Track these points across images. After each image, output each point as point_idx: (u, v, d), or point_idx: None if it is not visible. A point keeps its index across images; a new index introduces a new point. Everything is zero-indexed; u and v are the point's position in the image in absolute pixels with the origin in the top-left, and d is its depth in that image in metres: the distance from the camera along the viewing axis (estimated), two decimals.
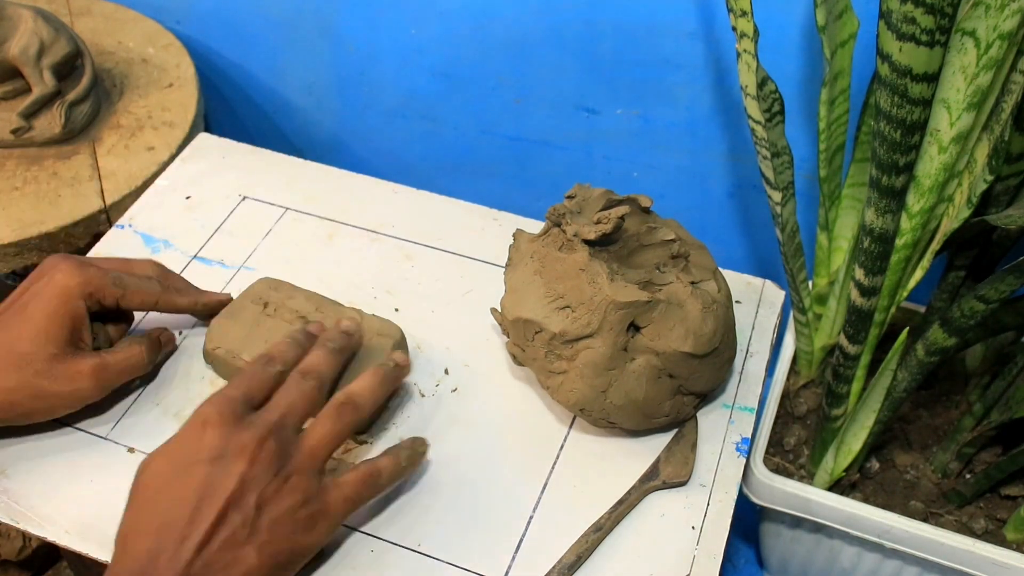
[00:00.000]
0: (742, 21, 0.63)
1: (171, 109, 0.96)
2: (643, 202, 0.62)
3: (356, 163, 1.14)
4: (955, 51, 0.59)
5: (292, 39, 1.04)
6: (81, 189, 0.87)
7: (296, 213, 0.79)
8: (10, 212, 0.84)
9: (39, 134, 0.89)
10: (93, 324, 0.61)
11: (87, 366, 0.58)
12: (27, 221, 0.83)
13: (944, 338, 0.68)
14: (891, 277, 0.71)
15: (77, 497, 0.59)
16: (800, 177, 0.93)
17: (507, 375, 0.68)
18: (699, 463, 0.63)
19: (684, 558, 0.58)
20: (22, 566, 1.01)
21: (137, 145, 0.92)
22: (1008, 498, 0.82)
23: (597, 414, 0.60)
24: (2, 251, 0.82)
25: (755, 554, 1.02)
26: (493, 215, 0.79)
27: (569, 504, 0.60)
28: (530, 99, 0.99)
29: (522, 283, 0.61)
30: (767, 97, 0.67)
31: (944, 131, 0.63)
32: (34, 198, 0.85)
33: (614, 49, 0.91)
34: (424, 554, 0.57)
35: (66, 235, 0.84)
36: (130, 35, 1.05)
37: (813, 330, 0.86)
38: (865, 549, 0.81)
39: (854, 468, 0.81)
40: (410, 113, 1.06)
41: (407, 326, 0.70)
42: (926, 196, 0.66)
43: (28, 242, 0.83)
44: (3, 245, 0.82)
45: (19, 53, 0.87)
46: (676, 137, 0.96)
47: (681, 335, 0.58)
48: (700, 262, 0.63)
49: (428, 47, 0.99)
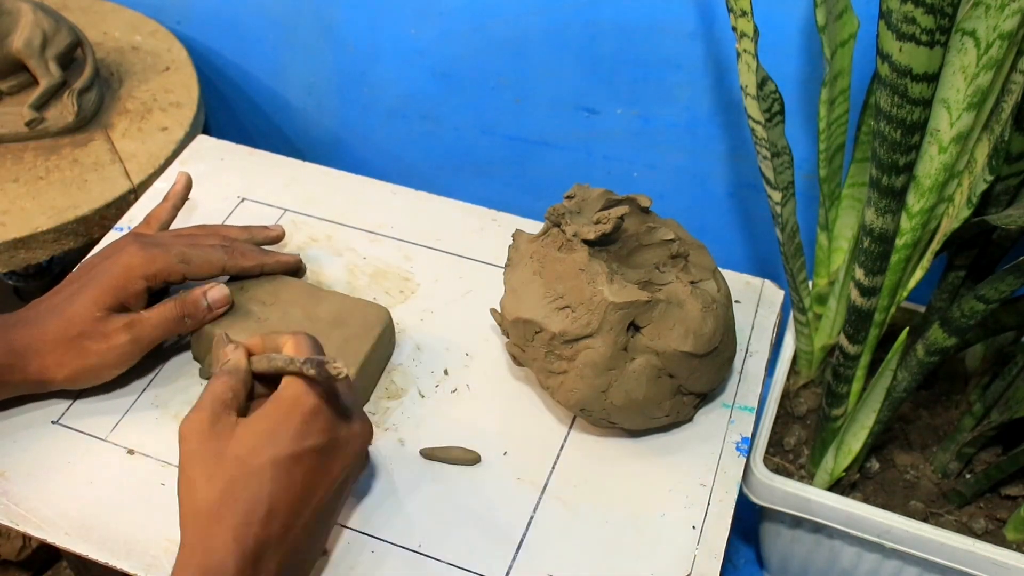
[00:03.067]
0: (742, 21, 0.63)
1: (174, 91, 0.98)
2: (642, 202, 0.62)
3: (356, 163, 1.14)
4: (955, 51, 0.59)
5: (292, 39, 1.04)
6: (105, 173, 0.88)
7: (295, 215, 0.79)
8: (42, 201, 0.85)
9: (52, 124, 0.90)
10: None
11: (122, 321, 0.60)
12: (61, 207, 0.84)
13: (944, 338, 0.68)
14: (891, 277, 0.71)
15: (77, 498, 0.59)
16: (800, 177, 0.93)
17: (507, 375, 0.68)
18: (699, 463, 0.63)
19: (684, 558, 0.58)
20: (22, 566, 1.01)
21: (150, 127, 0.94)
22: (1008, 498, 0.82)
23: (597, 414, 0.60)
24: (41, 238, 0.83)
25: (755, 554, 1.02)
26: (492, 215, 0.79)
27: (569, 504, 0.60)
28: (530, 99, 0.99)
29: (522, 283, 0.61)
30: (767, 97, 0.67)
31: (944, 131, 0.63)
32: (61, 185, 0.86)
33: (614, 49, 0.91)
34: (424, 554, 0.57)
35: (100, 217, 0.85)
36: (113, 25, 1.06)
37: (813, 330, 0.86)
38: (865, 549, 0.81)
39: (854, 468, 0.81)
40: (410, 113, 1.06)
41: (407, 327, 0.70)
42: (926, 196, 0.66)
43: (65, 227, 0.84)
44: (42, 232, 0.83)
45: (23, 46, 0.88)
46: (676, 137, 0.96)
47: (681, 335, 0.58)
48: (700, 262, 0.63)
49: (428, 47, 0.99)
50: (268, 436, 0.48)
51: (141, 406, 0.64)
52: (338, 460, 0.50)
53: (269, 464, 0.48)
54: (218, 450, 0.48)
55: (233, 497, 0.47)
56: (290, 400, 0.49)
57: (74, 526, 0.58)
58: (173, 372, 0.66)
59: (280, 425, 0.49)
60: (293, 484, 0.48)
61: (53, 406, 0.64)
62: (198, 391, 0.65)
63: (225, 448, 0.48)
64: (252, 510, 0.47)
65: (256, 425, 0.49)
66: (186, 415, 0.50)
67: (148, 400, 0.65)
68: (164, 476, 0.60)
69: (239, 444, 0.48)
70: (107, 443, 0.62)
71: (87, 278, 0.61)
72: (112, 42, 1.03)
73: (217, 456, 0.48)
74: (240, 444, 0.48)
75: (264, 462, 0.48)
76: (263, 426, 0.49)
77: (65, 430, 0.63)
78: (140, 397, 0.65)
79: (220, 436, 0.49)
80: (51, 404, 0.64)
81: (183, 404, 0.64)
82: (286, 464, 0.48)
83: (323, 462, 0.50)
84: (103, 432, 0.63)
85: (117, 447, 0.62)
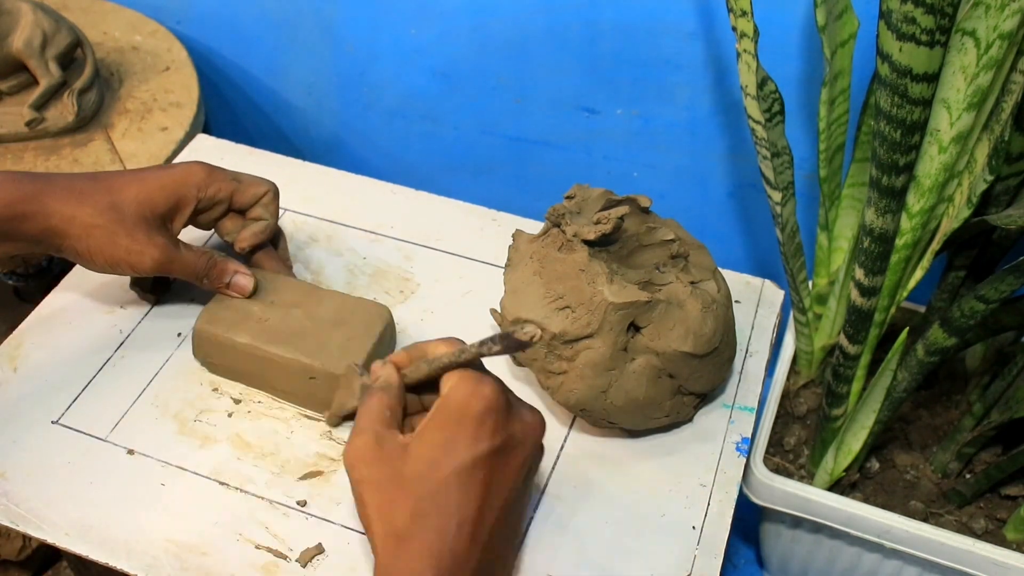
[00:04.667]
0: (742, 21, 0.63)
1: (174, 91, 0.98)
2: (642, 202, 0.62)
3: (356, 163, 1.14)
4: (955, 51, 0.59)
5: (292, 39, 1.04)
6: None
7: (295, 214, 0.79)
8: None
9: (52, 124, 0.91)
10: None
11: (161, 241, 0.62)
12: None
13: (944, 338, 0.68)
14: (891, 277, 0.71)
15: (77, 499, 0.59)
16: (800, 177, 0.93)
17: (507, 375, 0.68)
18: (699, 463, 0.63)
19: (684, 558, 0.58)
20: (22, 566, 1.01)
21: (150, 127, 0.94)
22: (1008, 498, 0.82)
23: (597, 414, 0.60)
24: None
25: (755, 554, 1.02)
26: (492, 215, 0.79)
27: (569, 504, 0.60)
28: (530, 99, 0.99)
29: (522, 284, 0.61)
30: (767, 97, 0.67)
31: (944, 131, 0.63)
32: None
33: (614, 49, 0.91)
34: None
35: None
36: (113, 25, 1.06)
37: (813, 330, 0.86)
38: (865, 549, 0.81)
39: (854, 468, 0.81)
40: (410, 113, 1.06)
41: (407, 327, 0.70)
42: (926, 196, 0.66)
43: None
44: None
45: (23, 46, 0.88)
46: (676, 137, 0.96)
47: (681, 335, 0.58)
48: (700, 262, 0.63)
49: (428, 47, 0.99)
50: (444, 448, 0.47)
51: (141, 406, 0.64)
52: (517, 456, 0.49)
53: (452, 476, 0.46)
54: (395, 473, 0.47)
55: (422, 515, 0.46)
56: (458, 405, 0.48)
57: (74, 526, 0.58)
58: (173, 372, 0.66)
59: (454, 434, 0.47)
60: (478, 490, 0.47)
61: (53, 406, 0.64)
62: (198, 391, 0.65)
63: (402, 469, 0.47)
64: (443, 525, 0.46)
65: (429, 439, 0.47)
66: (348, 441, 0.49)
67: (148, 400, 0.65)
68: (164, 476, 0.60)
69: (417, 462, 0.47)
70: (107, 443, 0.62)
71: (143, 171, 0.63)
72: (112, 42, 1.03)
73: (396, 479, 0.47)
74: (418, 462, 0.47)
75: (447, 475, 0.46)
76: (437, 438, 0.47)
77: (65, 430, 0.63)
78: (140, 397, 0.65)
79: (392, 458, 0.47)
80: (51, 404, 0.64)
81: (183, 404, 0.64)
82: (468, 472, 0.47)
83: (503, 462, 0.48)
84: (103, 432, 0.63)
85: (117, 447, 0.62)
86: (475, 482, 0.47)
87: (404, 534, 0.46)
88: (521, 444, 0.49)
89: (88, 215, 0.60)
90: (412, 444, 0.47)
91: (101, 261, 0.61)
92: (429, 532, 0.45)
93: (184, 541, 0.57)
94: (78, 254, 0.61)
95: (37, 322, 0.70)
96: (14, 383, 0.65)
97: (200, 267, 0.64)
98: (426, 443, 0.47)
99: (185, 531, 0.57)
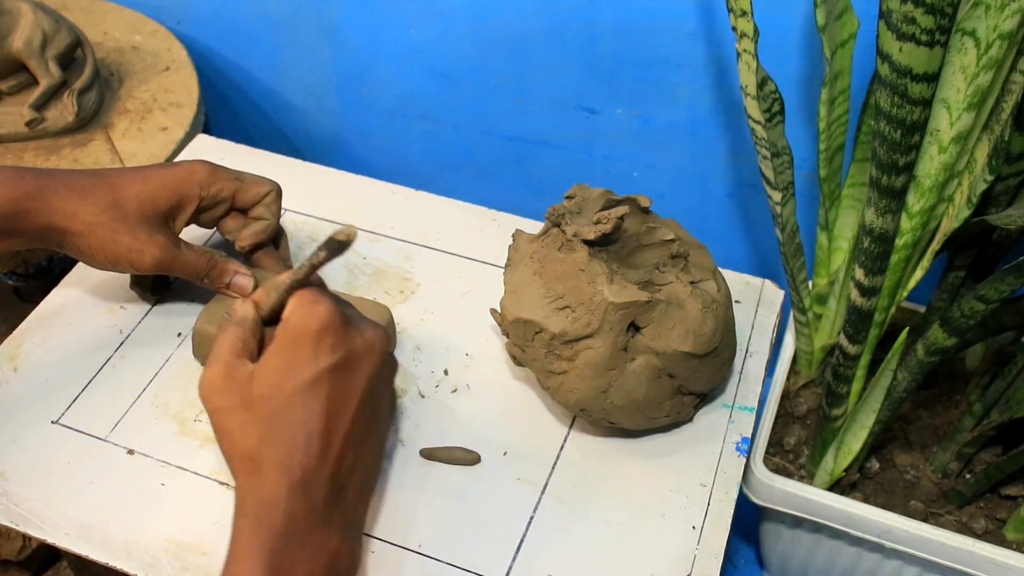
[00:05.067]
0: (742, 21, 0.63)
1: (174, 91, 0.98)
2: (642, 202, 0.62)
3: (356, 163, 1.14)
4: (955, 51, 0.59)
5: (292, 39, 1.04)
6: None
7: (295, 214, 0.79)
8: None
9: (52, 124, 0.91)
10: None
11: (162, 240, 0.62)
12: None
13: (944, 338, 0.68)
14: (891, 277, 0.71)
15: (77, 499, 0.59)
16: (800, 177, 0.93)
17: (507, 375, 0.68)
18: (699, 463, 0.63)
19: (684, 558, 0.58)
20: (22, 566, 1.01)
21: (150, 127, 0.94)
22: (1008, 498, 0.82)
23: (597, 414, 0.60)
24: None
25: (755, 554, 1.02)
26: (492, 215, 0.79)
27: (569, 504, 0.60)
28: (530, 99, 0.99)
29: (522, 284, 0.61)
30: (767, 97, 0.67)
31: (944, 131, 0.63)
32: None
33: (614, 49, 0.91)
34: (424, 554, 0.57)
35: None
36: (113, 25, 1.06)
37: (813, 330, 0.86)
38: (865, 549, 0.81)
39: (854, 468, 0.81)
40: (410, 113, 1.06)
41: (407, 327, 0.70)
42: (926, 196, 0.66)
43: None
44: None
45: (23, 46, 0.88)
46: (676, 137, 0.96)
47: (681, 335, 0.58)
48: (700, 262, 0.63)
49: (428, 47, 0.99)
50: (286, 369, 0.49)
51: (141, 406, 0.64)
52: (361, 369, 0.50)
53: (296, 394, 0.48)
54: (242, 398, 0.48)
55: (271, 435, 0.48)
56: (296, 327, 0.49)
57: (74, 526, 0.58)
58: (173, 372, 0.67)
59: (294, 354, 0.49)
60: (323, 405, 0.48)
61: (53, 406, 0.64)
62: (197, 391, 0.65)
63: (248, 394, 0.48)
64: (291, 442, 0.47)
65: (273, 362, 0.49)
66: (201, 374, 0.50)
67: (148, 400, 0.65)
68: (164, 476, 0.60)
69: (261, 385, 0.49)
70: (107, 443, 0.62)
71: (147, 169, 0.63)
72: (112, 42, 1.03)
73: (244, 404, 0.48)
74: (262, 385, 0.49)
75: (290, 394, 0.48)
76: (279, 361, 0.49)
77: (65, 430, 0.63)
78: (140, 397, 0.65)
79: (240, 385, 0.49)
80: (51, 404, 0.64)
81: (183, 404, 0.64)
82: (310, 388, 0.48)
83: (346, 375, 0.49)
84: (103, 432, 0.63)
85: (117, 447, 0.62)
86: (319, 397, 0.48)
87: (256, 455, 0.47)
88: (365, 357, 0.50)
89: (90, 212, 0.60)
90: (257, 369, 0.49)
91: (102, 258, 0.62)
92: (279, 450, 0.47)
93: (184, 541, 0.57)
94: (79, 251, 0.61)
95: (37, 322, 0.70)
96: (14, 383, 0.65)
97: (201, 266, 0.64)
98: (270, 367, 0.49)
99: (185, 531, 0.58)
